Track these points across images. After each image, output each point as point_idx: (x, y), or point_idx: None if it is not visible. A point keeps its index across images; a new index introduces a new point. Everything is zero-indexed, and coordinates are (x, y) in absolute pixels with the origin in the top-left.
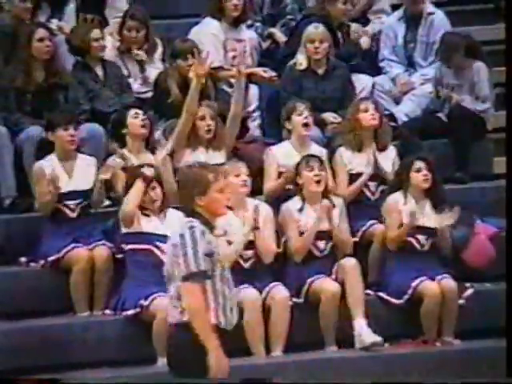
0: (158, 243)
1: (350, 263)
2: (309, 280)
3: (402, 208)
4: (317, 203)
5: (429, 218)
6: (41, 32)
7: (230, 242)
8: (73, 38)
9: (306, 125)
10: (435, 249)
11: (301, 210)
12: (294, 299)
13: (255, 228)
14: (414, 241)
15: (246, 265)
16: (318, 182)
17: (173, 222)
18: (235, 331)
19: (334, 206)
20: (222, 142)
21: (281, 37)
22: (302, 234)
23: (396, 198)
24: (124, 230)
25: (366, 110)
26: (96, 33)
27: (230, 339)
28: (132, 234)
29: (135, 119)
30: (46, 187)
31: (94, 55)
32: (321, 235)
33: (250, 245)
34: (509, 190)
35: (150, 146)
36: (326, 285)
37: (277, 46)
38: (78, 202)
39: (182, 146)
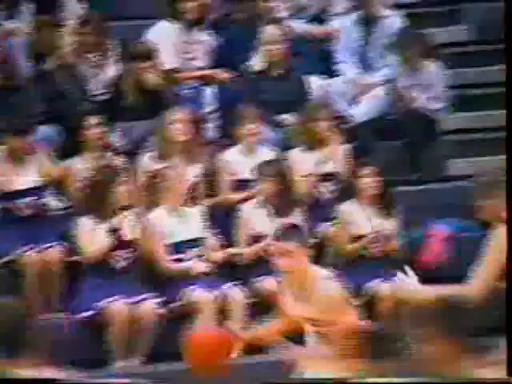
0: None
1: None
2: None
3: (352, 219)
4: (270, 208)
5: (378, 225)
6: None
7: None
8: (36, 44)
9: (250, 135)
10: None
11: (255, 213)
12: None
13: None
14: (363, 250)
15: None
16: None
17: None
18: None
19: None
20: (197, 151)
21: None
22: (254, 238)
23: (346, 208)
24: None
25: (321, 120)
26: (60, 38)
27: None
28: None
29: (92, 130)
30: None
31: (57, 60)
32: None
33: None
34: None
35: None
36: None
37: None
38: (31, 199)
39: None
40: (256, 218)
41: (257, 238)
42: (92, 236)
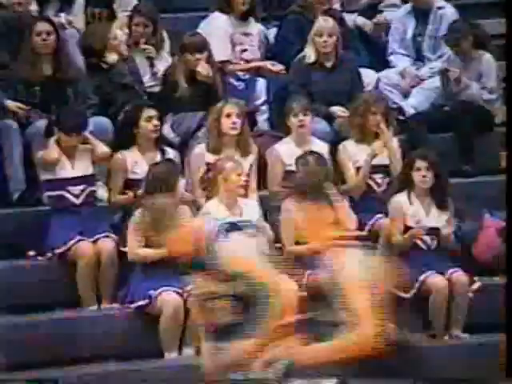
0: None
1: None
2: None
3: (406, 210)
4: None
5: (434, 217)
6: (40, 26)
7: None
8: (89, 39)
9: (300, 126)
10: (442, 245)
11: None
12: None
13: None
14: (419, 242)
15: None
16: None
17: None
18: None
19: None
20: (249, 143)
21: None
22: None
23: (400, 199)
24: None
25: (374, 113)
26: (114, 31)
27: None
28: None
29: (148, 122)
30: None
31: (111, 54)
32: None
33: None
34: (509, 185)
35: (159, 144)
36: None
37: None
38: (82, 187)
39: None
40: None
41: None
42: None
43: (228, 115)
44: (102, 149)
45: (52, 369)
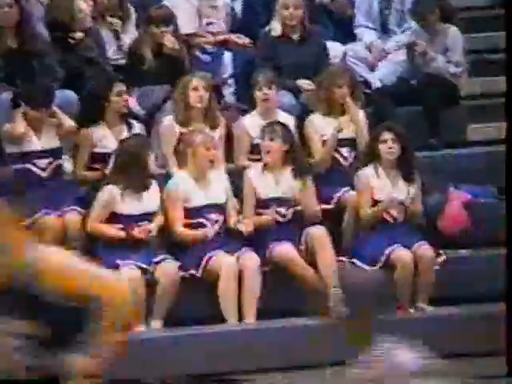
0: (134, 223)
1: (319, 232)
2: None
3: (373, 183)
4: (276, 171)
5: (400, 190)
6: None
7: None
8: (54, 12)
9: (265, 100)
10: (409, 218)
11: (260, 178)
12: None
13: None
14: (386, 215)
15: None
16: (268, 152)
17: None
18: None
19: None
20: (217, 116)
21: None
22: (258, 202)
23: (367, 173)
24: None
25: (340, 86)
26: (79, 4)
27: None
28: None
29: (118, 97)
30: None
31: (75, 28)
32: (282, 202)
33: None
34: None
35: (126, 118)
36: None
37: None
38: (47, 161)
39: None
40: (260, 182)
41: (263, 204)
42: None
43: (195, 88)
44: (69, 123)
45: None
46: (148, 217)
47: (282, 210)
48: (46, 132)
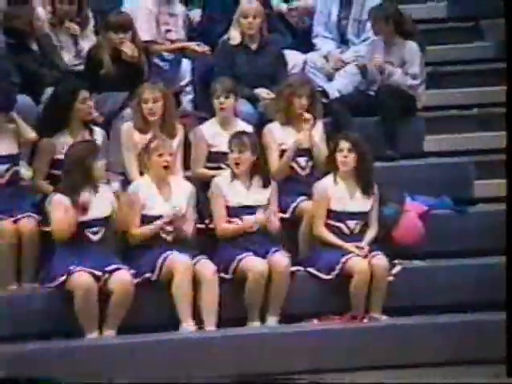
0: (87, 229)
1: (281, 264)
2: (237, 258)
3: (330, 194)
4: (245, 180)
5: (358, 201)
6: None
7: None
8: (12, 22)
9: (221, 109)
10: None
11: (230, 186)
12: (223, 275)
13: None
14: (343, 226)
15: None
16: (237, 164)
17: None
18: None
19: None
20: (173, 124)
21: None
22: (228, 210)
23: (324, 183)
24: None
25: (300, 96)
26: (38, 11)
27: None
28: None
29: (83, 104)
30: None
31: (33, 35)
32: (252, 210)
33: None
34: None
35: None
36: (252, 263)
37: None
38: (6, 166)
39: None
40: (230, 191)
41: (232, 211)
42: (64, 212)
43: (145, 102)
44: (30, 134)
45: None
46: (100, 222)
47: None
48: (4, 138)
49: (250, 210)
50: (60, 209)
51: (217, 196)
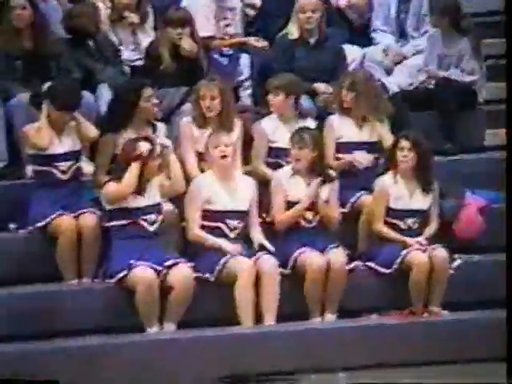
0: (142, 216)
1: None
2: (296, 252)
3: (390, 191)
4: (306, 176)
5: (417, 199)
6: (16, 0)
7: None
8: (72, 21)
9: (271, 105)
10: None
11: (291, 180)
12: (282, 270)
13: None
14: (401, 223)
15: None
16: (297, 160)
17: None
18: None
19: (331, 179)
20: (231, 120)
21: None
22: (289, 204)
23: (384, 181)
24: (108, 207)
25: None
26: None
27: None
28: (117, 210)
29: (147, 102)
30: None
31: (91, 33)
32: (309, 207)
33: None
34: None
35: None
36: (310, 258)
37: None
38: (69, 163)
39: None
40: (291, 185)
41: (292, 206)
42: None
43: (202, 98)
44: (92, 132)
45: (30, 343)
46: (154, 208)
47: (310, 215)
48: (68, 134)
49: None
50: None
51: (277, 190)
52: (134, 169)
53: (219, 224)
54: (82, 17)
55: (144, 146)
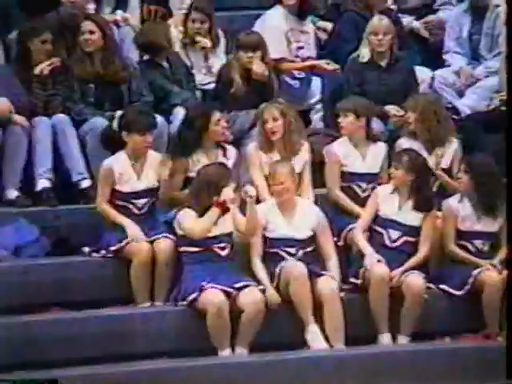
0: (215, 244)
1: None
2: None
3: (457, 212)
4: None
5: (484, 221)
6: (84, 24)
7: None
8: (145, 37)
9: (340, 127)
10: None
11: (388, 197)
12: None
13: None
14: (469, 245)
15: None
16: (391, 178)
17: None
18: None
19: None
20: (295, 142)
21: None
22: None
23: (450, 202)
24: (181, 233)
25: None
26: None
27: None
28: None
29: (217, 126)
30: (108, 188)
31: (167, 51)
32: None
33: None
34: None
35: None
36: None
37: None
38: (146, 200)
39: None
40: (388, 202)
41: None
42: (197, 220)
43: (265, 121)
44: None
45: (103, 366)
46: (226, 237)
47: (394, 235)
48: (148, 169)
49: (398, 226)
50: (190, 216)
51: (370, 204)
52: (213, 216)
53: (276, 250)
54: (154, 32)
55: (228, 195)
